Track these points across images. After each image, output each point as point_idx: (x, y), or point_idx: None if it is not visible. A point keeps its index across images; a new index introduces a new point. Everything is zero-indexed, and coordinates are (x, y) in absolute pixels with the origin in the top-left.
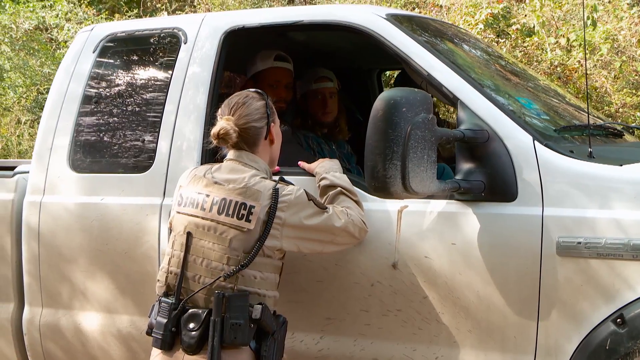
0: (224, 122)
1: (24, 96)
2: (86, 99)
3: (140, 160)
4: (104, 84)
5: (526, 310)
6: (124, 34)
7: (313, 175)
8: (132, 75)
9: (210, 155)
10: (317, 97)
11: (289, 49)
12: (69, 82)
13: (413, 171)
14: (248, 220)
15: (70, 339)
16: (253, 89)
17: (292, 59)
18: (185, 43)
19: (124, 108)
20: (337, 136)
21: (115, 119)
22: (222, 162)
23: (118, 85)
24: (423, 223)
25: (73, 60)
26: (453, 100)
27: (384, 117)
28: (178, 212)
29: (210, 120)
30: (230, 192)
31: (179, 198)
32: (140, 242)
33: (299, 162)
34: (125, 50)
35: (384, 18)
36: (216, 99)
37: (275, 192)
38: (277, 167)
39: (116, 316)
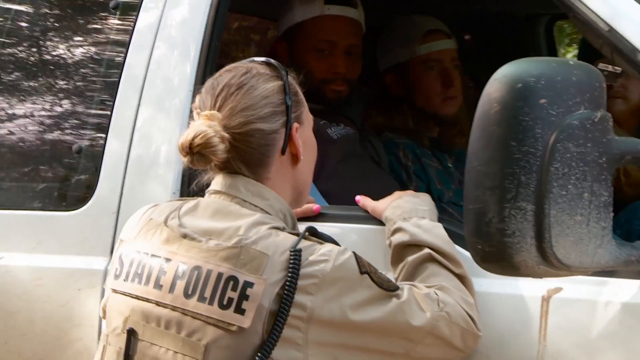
0: (202, 123)
1: None
2: None
3: (70, 187)
4: (15, 43)
5: None
6: None
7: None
8: (64, 27)
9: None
10: (430, 68)
11: None
12: None
13: (560, 224)
14: (240, 311)
15: None
16: (261, 58)
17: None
18: None
19: (49, 87)
20: (454, 142)
21: (33, 108)
22: (204, 195)
23: (41, 45)
24: (593, 323)
25: None
26: None
27: (501, 117)
28: (114, 290)
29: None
30: (209, 255)
31: (118, 263)
32: (67, 339)
33: (357, 198)
34: None
35: None
36: (213, 69)
37: (296, 256)
38: (315, 207)
39: None
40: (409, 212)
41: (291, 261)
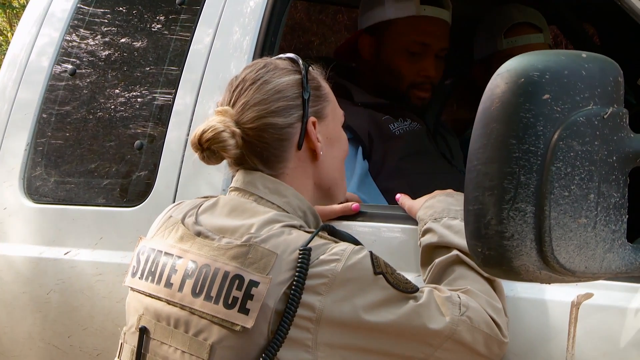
0: (214, 118)
1: None
2: (59, 69)
3: (131, 183)
4: (89, 40)
5: None
6: None
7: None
8: (136, 20)
9: None
10: None
11: None
12: (33, 40)
13: (562, 227)
14: (244, 311)
15: None
16: (286, 54)
17: None
18: None
19: (118, 83)
20: None
21: (102, 103)
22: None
23: (107, 41)
24: (623, 331)
25: (43, 1)
26: None
27: (502, 114)
28: (131, 288)
29: None
30: (219, 253)
31: (135, 261)
32: None
33: (397, 196)
34: None
35: None
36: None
37: (304, 255)
38: (354, 205)
39: None
40: (441, 213)
41: (299, 260)
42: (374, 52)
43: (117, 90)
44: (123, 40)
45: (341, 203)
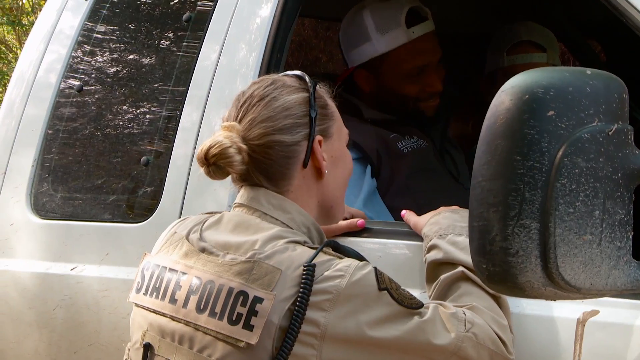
0: (221, 133)
1: None
2: (66, 85)
3: (137, 199)
4: (96, 57)
5: None
6: None
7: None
8: (143, 37)
9: None
10: None
11: None
12: (41, 57)
13: (567, 244)
14: (248, 327)
15: None
16: (293, 72)
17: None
18: None
19: (124, 99)
20: None
21: (108, 119)
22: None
23: (120, 58)
24: (629, 348)
25: (51, 18)
26: None
27: (506, 130)
28: (136, 304)
29: None
30: (224, 269)
31: (140, 277)
32: None
33: (403, 212)
34: None
35: None
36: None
37: (309, 271)
38: (359, 221)
39: None
40: (446, 229)
41: (303, 276)
42: (373, 82)
43: (123, 107)
44: (130, 56)
45: (346, 219)
